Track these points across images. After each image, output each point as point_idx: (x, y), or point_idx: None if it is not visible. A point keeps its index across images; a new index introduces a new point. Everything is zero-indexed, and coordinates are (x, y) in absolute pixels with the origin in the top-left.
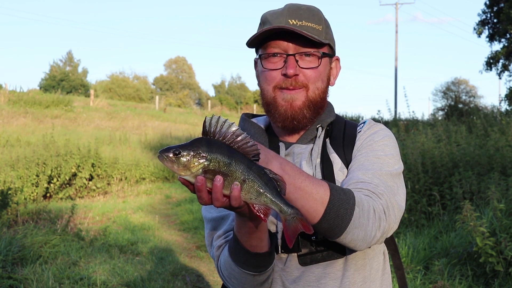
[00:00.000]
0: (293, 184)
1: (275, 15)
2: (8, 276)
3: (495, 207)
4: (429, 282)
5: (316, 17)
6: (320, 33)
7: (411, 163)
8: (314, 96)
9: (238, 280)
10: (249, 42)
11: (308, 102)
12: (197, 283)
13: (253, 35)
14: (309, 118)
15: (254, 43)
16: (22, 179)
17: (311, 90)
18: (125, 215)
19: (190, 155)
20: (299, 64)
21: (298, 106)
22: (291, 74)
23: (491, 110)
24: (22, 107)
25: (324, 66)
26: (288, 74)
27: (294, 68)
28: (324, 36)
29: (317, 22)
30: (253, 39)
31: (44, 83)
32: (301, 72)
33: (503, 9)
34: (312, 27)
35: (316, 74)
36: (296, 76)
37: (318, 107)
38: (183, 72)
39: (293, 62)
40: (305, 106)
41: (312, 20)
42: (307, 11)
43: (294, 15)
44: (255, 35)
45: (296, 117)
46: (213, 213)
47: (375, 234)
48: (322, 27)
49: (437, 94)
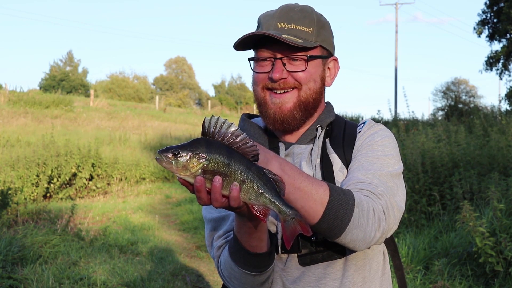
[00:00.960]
0: (293, 184)
1: (267, 17)
2: (8, 276)
3: (495, 207)
4: (429, 282)
5: (308, 19)
6: (310, 35)
7: (411, 163)
8: (306, 97)
9: (238, 280)
10: (235, 45)
11: (299, 102)
12: (197, 283)
13: (237, 40)
14: (300, 119)
15: (247, 45)
16: (22, 179)
17: (303, 91)
18: (125, 215)
19: (189, 155)
20: (286, 67)
21: (288, 108)
22: (277, 78)
23: (491, 110)
24: (22, 107)
25: (314, 68)
26: (274, 78)
27: (280, 72)
28: (315, 38)
29: (307, 25)
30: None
31: (44, 83)
32: (290, 75)
33: (503, 9)
34: (301, 30)
35: (307, 75)
36: (285, 80)
37: (310, 108)
38: (183, 72)
39: (279, 66)
40: (296, 107)
41: (303, 22)
42: (298, 13)
43: (285, 18)
44: (238, 40)
45: (285, 120)
46: (213, 213)
47: (374, 234)
48: (312, 29)
49: (437, 94)
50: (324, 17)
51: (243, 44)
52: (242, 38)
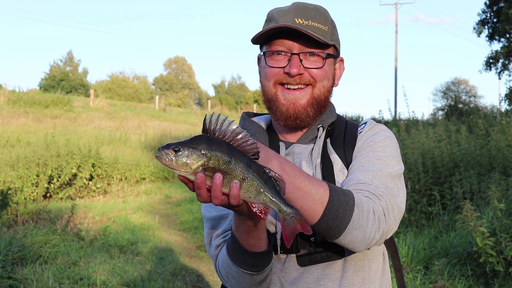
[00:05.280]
0: (293, 183)
1: (281, 12)
2: (8, 276)
3: (495, 207)
4: (429, 282)
5: (323, 17)
6: (326, 33)
7: (411, 163)
8: (319, 94)
9: (236, 279)
10: (254, 39)
11: (313, 100)
12: (197, 283)
13: (258, 32)
14: (312, 116)
15: (259, 40)
16: (22, 179)
17: (317, 88)
18: (125, 215)
19: (190, 152)
20: (303, 63)
21: (302, 105)
22: (294, 73)
23: (491, 110)
24: (22, 107)
25: (329, 66)
26: (291, 73)
27: (298, 67)
28: (330, 37)
29: (323, 23)
30: (258, 36)
31: (44, 83)
32: (306, 71)
33: (503, 8)
34: (318, 27)
35: (322, 73)
36: (301, 75)
37: (321, 106)
38: (183, 72)
39: (297, 61)
40: (310, 104)
41: (319, 20)
42: (313, 11)
43: (301, 14)
44: (261, 32)
45: (299, 116)
46: (213, 212)
47: (374, 235)
48: (328, 27)
49: (437, 94)
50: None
51: (261, 38)
52: (265, 30)
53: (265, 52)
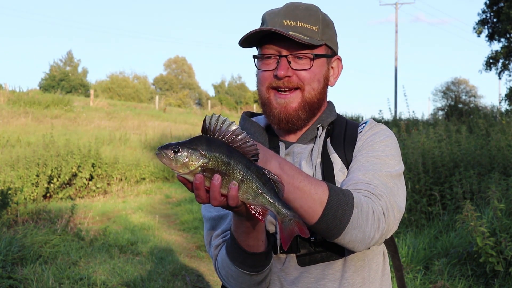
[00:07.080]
0: (292, 184)
1: (272, 15)
2: (8, 276)
3: (495, 207)
4: (429, 282)
5: (313, 17)
6: (315, 33)
7: (411, 163)
8: (310, 97)
9: (235, 280)
10: (240, 42)
11: (304, 103)
12: (197, 283)
13: (243, 36)
14: (304, 119)
15: (249, 44)
16: (22, 179)
17: (306, 91)
18: (125, 215)
19: (189, 152)
20: (291, 65)
21: (293, 108)
22: (282, 75)
23: (491, 110)
24: (22, 107)
25: (319, 67)
26: (278, 75)
27: (285, 69)
28: (320, 36)
29: (313, 23)
30: (247, 39)
31: (44, 83)
32: (294, 73)
33: (503, 8)
34: (306, 28)
35: (311, 75)
36: (289, 78)
37: (314, 108)
38: (183, 72)
39: (284, 63)
40: (301, 108)
41: (308, 20)
42: (304, 11)
43: (290, 15)
44: (245, 36)
45: (290, 120)
46: (212, 212)
47: (373, 235)
48: (318, 27)
49: (437, 94)
50: (328, 17)
51: (248, 41)
52: (248, 35)
53: (257, 56)
